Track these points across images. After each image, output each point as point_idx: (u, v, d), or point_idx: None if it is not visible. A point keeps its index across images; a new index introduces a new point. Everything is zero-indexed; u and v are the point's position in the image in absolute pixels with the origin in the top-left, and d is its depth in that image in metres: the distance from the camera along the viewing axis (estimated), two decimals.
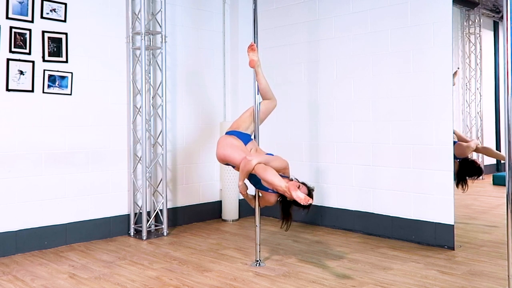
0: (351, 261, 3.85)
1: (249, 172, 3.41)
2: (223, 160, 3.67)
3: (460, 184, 4.67)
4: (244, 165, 3.41)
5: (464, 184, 4.76)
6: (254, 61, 3.68)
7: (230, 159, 3.59)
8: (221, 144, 3.66)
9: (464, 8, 5.37)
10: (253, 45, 3.71)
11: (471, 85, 5.36)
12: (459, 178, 4.46)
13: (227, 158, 3.60)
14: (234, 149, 3.56)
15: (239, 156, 3.50)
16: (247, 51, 3.71)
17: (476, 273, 3.49)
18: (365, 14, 4.72)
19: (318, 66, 5.12)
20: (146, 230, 4.67)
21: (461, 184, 4.70)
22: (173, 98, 5.21)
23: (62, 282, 3.43)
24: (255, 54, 3.71)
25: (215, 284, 3.34)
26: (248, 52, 3.70)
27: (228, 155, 3.58)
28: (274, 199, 3.56)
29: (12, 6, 4.10)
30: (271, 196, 3.56)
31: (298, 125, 5.32)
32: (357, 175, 4.80)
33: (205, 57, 5.53)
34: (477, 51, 5.38)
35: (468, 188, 4.81)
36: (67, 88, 4.42)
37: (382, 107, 4.61)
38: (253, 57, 3.69)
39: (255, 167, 3.36)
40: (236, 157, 3.52)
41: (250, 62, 3.69)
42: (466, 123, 5.34)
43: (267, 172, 3.31)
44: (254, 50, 3.71)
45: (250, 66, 3.71)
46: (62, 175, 4.41)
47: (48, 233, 4.32)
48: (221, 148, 3.64)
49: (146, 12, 4.75)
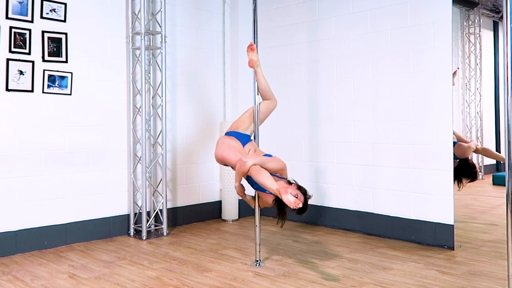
0: (351, 261, 3.85)
1: (245, 173, 3.42)
2: (221, 161, 3.67)
3: (456, 181, 4.67)
4: (239, 167, 3.42)
5: (460, 183, 4.76)
6: (253, 61, 3.69)
7: (227, 160, 3.59)
8: (219, 145, 3.67)
9: (464, 8, 5.38)
10: (252, 45, 3.71)
11: (471, 85, 5.36)
12: (455, 176, 4.46)
13: (224, 159, 3.61)
14: (231, 150, 3.57)
15: (235, 157, 3.51)
16: (247, 51, 3.72)
17: (476, 273, 3.49)
18: (365, 14, 4.72)
19: (318, 66, 5.12)
20: (146, 230, 4.67)
21: (457, 181, 4.70)
22: (173, 98, 5.21)
23: (62, 282, 3.43)
24: (255, 54, 3.71)
25: (215, 284, 3.34)
26: (248, 52, 3.71)
27: (225, 156, 3.58)
28: (271, 200, 3.56)
29: (12, 6, 4.09)
30: (268, 197, 3.55)
31: (298, 125, 5.32)
32: (357, 175, 4.80)
33: (205, 57, 5.53)
34: (477, 51, 5.38)
35: (463, 186, 4.82)
36: (67, 88, 4.42)
37: (382, 107, 4.61)
38: (252, 57, 3.69)
39: (250, 168, 3.37)
40: (233, 158, 3.52)
41: (249, 62, 3.69)
42: (466, 123, 5.34)
43: (260, 174, 3.32)
44: (254, 50, 3.71)
45: (249, 66, 3.71)
46: (62, 175, 4.41)
47: (48, 233, 4.32)
48: (219, 148, 3.64)
49: (146, 12, 4.75)
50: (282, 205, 3.48)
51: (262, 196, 3.63)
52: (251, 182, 3.58)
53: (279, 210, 3.52)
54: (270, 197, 3.54)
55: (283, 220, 3.56)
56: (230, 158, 3.55)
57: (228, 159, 3.58)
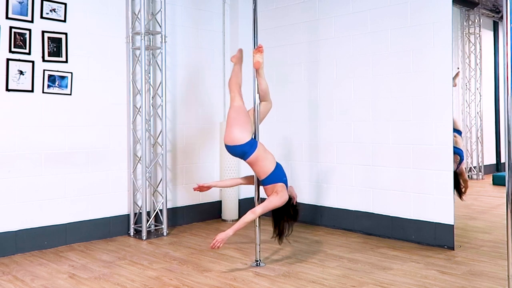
0: (351, 261, 3.85)
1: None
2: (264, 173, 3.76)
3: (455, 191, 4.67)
4: (251, 216, 3.58)
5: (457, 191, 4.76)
6: (259, 62, 3.74)
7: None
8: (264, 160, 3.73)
9: (464, 8, 5.38)
10: (261, 47, 3.76)
11: (471, 85, 5.36)
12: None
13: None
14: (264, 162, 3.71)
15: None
16: (254, 52, 3.74)
17: (476, 273, 3.49)
18: (365, 14, 4.72)
19: (318, 66, 5.12)
20: (146, 230, 4.67)
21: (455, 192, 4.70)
22: (173, 98, 5.21)
23: (62, 282, 3.43)
24: (262, 56, 3.76)
25: (215, 284, 3.34)
26: (255, 53, 3.75)
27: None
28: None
29: (12, 6, 4.09)
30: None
31: (298, 125, 5.32)
32: (357, 175, 4.80)
33: (205, 57, 5.53)
34: (477, 51, 5.38)
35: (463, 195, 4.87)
36: (67, 88, 4.42)
37: (382, 107, 4.61)
38: (259, 58, 3.75)
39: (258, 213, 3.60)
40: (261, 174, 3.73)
41: (255, 64, 3.74)
42: (466, 123, 5.35)
43: (269, 207, 3.62)
44: (262, 52, 3.77)
45: (255, 67, 3.75)
46: (62, 175, 4.41)
47: (48, 233, 4.32)
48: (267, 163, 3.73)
49: (146, 12, 4.75)
50: (283, 213, 3.68)
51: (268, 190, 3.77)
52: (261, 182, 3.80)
53: (277, 223, 3.71)
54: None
55: (282, 235, 3.73)
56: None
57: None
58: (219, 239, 3.48)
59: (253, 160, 3.65)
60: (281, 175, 3.70)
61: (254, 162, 3.66)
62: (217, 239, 3.48)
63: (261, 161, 3.65)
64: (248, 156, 3.64)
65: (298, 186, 5.18)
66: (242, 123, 3.67)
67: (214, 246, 3.48)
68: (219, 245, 3.48)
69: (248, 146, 3.62)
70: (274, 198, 3.59)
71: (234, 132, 3.64)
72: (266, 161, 3.67)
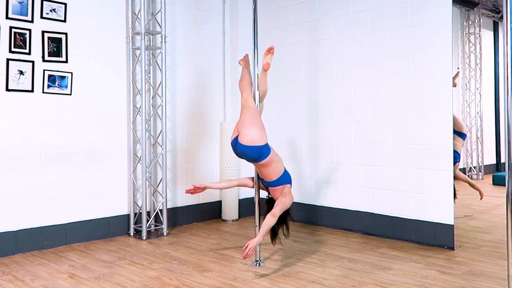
0: (351, 261, 3.85)
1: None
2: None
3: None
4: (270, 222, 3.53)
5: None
6: (269, 64, 3.79)
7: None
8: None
9: (464, 8, 5.38)
10: (273, 48, 3.80)
11: (471, 85, 5.36)
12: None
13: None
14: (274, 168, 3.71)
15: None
16: (264, 53, 3.77)
17: (476, 273, 3.49)
18: (365, 14, 4.72)
19: (318, 66, 5.12)
20: (146, 230, 4.67)
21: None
22: (173, 98, 5.20)
23: (62, 282, 3.43)
24: (272, 57, 3.80)
25: (215, 284, 3.34)
26: (266, 54, 3.77)
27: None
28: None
29: (12, 6, 4.09)
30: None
31: (298, 125, 5.32)
32: (357, 175, 4.80)
33: (205, 57, 5.53)
34: (477, 51, 5.38)
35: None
36: (67, 88, 4.42)
37: (382, 107, 4.61)
38: (269, 60, 3.78)
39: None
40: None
41: (265, 65, 3.77)
42: (466, 123, 5.35)
43: (283, 209, 3.59)
44: (273, 54, 3.80)
45: (264, 69, 3.78)
46: (62, 175, 4.41)
47: (48, 233, 4.32)
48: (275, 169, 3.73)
49: (146, 12, 4.75)
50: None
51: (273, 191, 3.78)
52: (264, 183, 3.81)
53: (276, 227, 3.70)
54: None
55: (278, 236, 3.74)
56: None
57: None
58: (252, 247, 3.35)
59: (268, 162, 3.62)
60: (289, 177, 3.75)
61: (268, 164, 3.63)
62: (250, 247, 3.34)
63: (274, 163, 3.65)
64: (264, 158, 3.59)
65: (298, 186, 5.19)
66: (260, 124, 3.66)
67: (248, 255, 3.34)
68: (251, 253, 3.38)
69: (266, 147, 3.62)
70: (286, 199, 3.61)
71: (253, 133, 3.57)
72: (279, 163, 3.70)
